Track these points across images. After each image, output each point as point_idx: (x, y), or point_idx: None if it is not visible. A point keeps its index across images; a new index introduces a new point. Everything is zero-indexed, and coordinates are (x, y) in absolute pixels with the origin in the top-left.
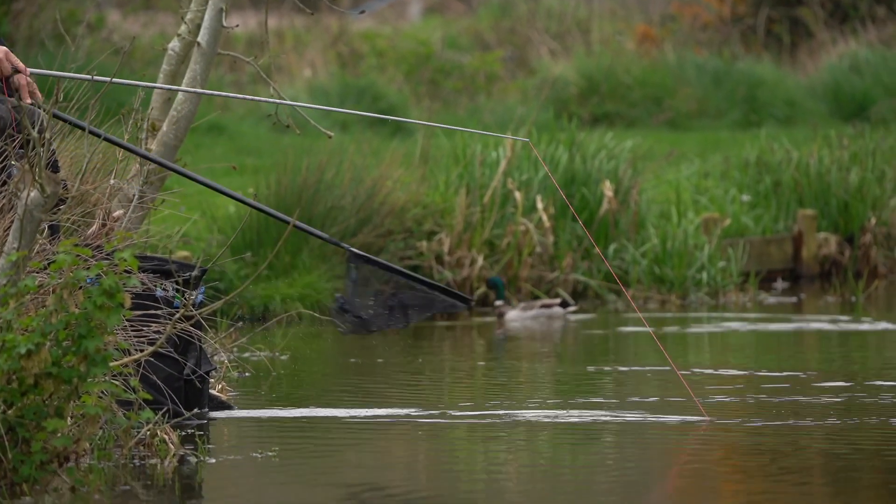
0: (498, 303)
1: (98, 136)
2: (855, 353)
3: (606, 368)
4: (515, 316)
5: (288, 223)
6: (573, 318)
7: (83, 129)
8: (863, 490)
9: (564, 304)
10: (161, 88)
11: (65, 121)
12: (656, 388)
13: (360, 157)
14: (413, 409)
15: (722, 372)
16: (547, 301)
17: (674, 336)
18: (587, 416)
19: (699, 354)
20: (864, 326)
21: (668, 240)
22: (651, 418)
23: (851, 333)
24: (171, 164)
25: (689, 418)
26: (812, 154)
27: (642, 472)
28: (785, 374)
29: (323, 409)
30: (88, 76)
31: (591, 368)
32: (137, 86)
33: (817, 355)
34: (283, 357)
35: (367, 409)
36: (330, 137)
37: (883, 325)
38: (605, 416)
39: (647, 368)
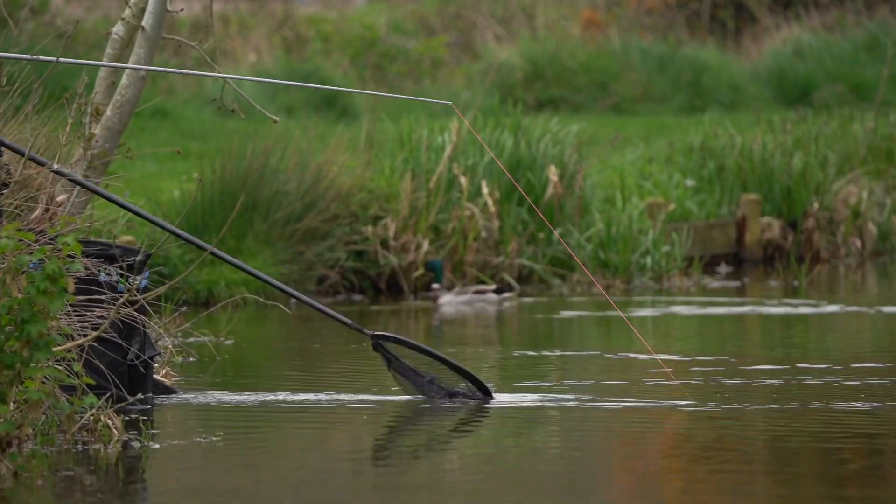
0: (435, 286)
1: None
2: (798, 337)
3: (549, 353)
4: (448, 300)
5: (206, 250)
6: (517, 302)
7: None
8: (804, 475)
9: (499, 291)
10: (106, 67)
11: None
12: (601, 373)
13: (306, 141)
14: (357, 395)
15: (665, 356)
16: (481, 287)
17: (618, 321)
18: (529, 400)
19: (650, 338)
20: (808, 310)
21: (613, 224)
22: (594, 403)
23: (794, 317)
24: (95, 187)
25: (631, 403)
26: (756, 139)
27: (586, 458)
28: (727, 357)
29: (268, 394)
30: (33, 56)
31: (532, 353)
32: (83, 65)
33: (760, 339)
34: (227, 342)
35: (311, 394)
36: (275, 122)
37: (829, 309)
38: (549, 401)
39: (593, 353)
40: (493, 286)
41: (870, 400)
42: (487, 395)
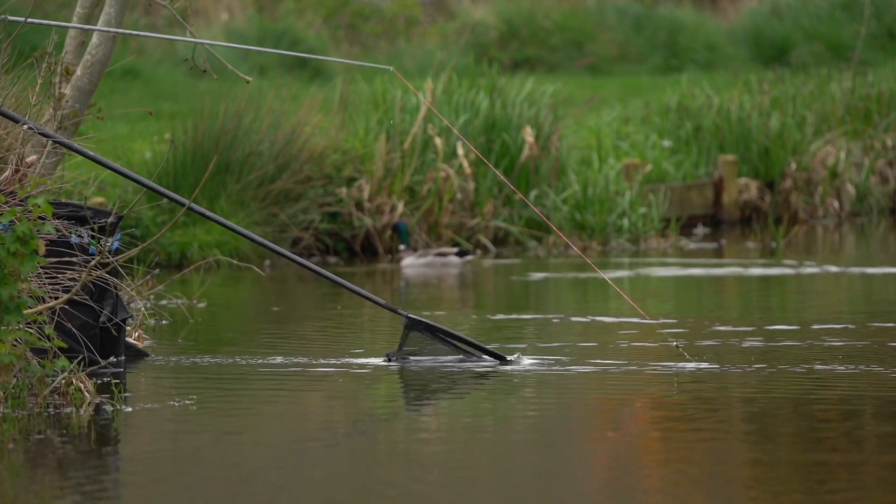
0: (401, 247)
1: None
2: (776, 298)
3: (525, 316)
4: (409, 263)
5: (183, 205)
6: (493, 264)
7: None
8: (782, 437)
9: (461, 254)
10: (76, 28)
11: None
12: (576, 336)
13: (279, 102)
14: (333, 359)
15: (645, 320)
16: (443, 249)
17: (595, 282)
18: (507, 366)
19: (621, 300)
20: (785, 270)
21: (589, 186)
22: (571, 368)
23: (772, 278)
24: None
25: (610, 364)
26: (733, 99)
27: (561, 423)
28: (706, 319)
29: (241, 358)
30: (0, 16)
31: (505, 316)
32: (52, 26)
33: (737, 301)
34: (200, 305)
35: (286, 358)
36: (248, 82)
37: (807, 270)
38: (526, 366)
39: (570, 316)
40: (455, 249)
41: (847, 362)
42: (502, 359)
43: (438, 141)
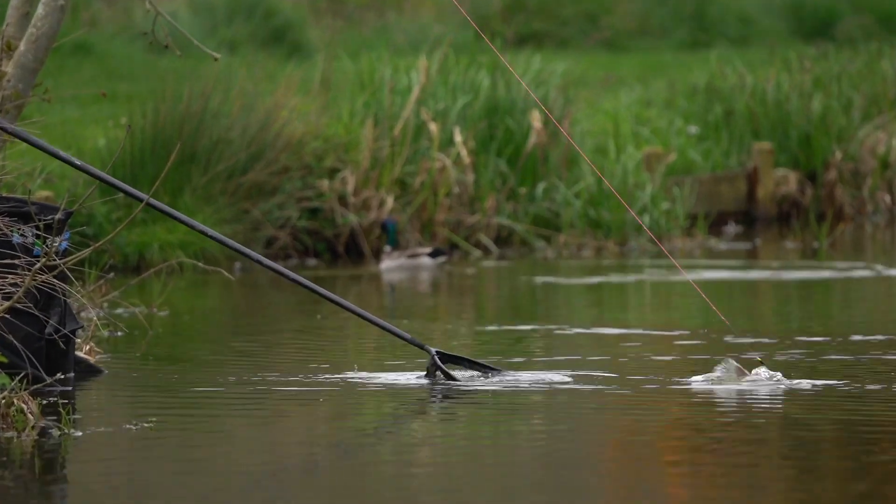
0: (386, 248)
1: None
2: (827, 306)
3: (533, 328)
4: (387, 266)
5: (141, 200)
6: (496, 265)
7: None
8: (825, 469)
9: (435, 254)
10: None
11: None
12: (589, 350)
13: (252, 82)
14: (309, 375)
15: (665, 332)
16: (417, 250)
17: (610, 287)
18: (510, 382)
19: (640, 310)
20: (829, 274)
21: (605, 178)
22: (581, 385)
23: (814, 283)
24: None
25: (638, 379)
26: (769, 79)
27: (572, 447)
28: (739, 334)
29: (208, 374)
30: None
31: (512, 328)
32: None
33: (776, 307)
34: (161, 313)
35: (258, 374)
36: (216, 60)
37: (857, 273)
38: (532, 384)
39: (584, 330)
40: (429, 249)
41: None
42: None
43: (433, 127)
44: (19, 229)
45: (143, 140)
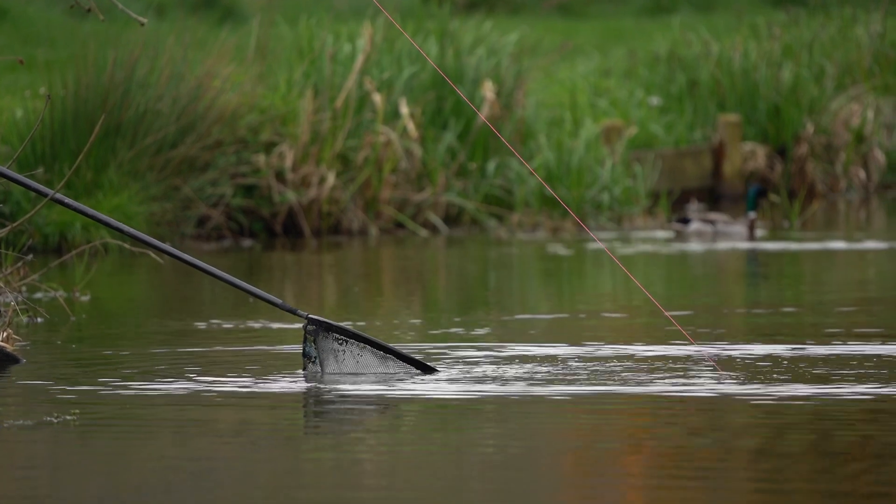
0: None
1: None
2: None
3: (483, 315)
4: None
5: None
6: (445, 246)
7: None
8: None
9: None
10: None
11: None
12: (544, 336)
13: (181, 49)
14: (244, 368)
15: (619, 315)
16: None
17: (570, 270)
18: (459, 386)
19: (598, 297)
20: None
21: (563, 153)
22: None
23: (802, 254)
24: None
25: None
26: (736, 47)
27: (526, 451)
28: (699, 318)
29: (132, 362)
30: None
31: (460, 318)
32: None
33: (744, 290)
34: (84, 298)
35: (186, 363)
36: (142, 25)
37: (830, 245)
38: (485, 387)
39: (536, 317)
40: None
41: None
42: (429, 370)
43: (377, 98)
44: None
45: (64, 111)
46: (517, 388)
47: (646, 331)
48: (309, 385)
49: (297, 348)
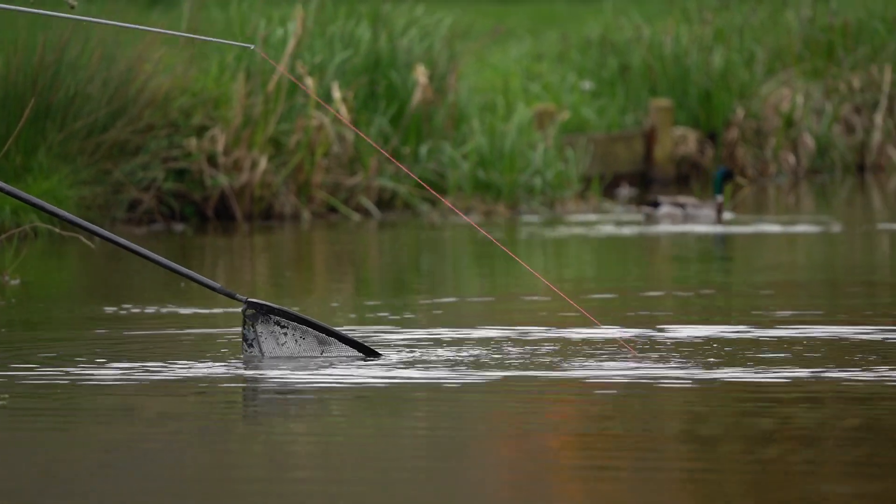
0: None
1: None
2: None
3: (413, 299)
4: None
5: None
6: (377, 231)
7: None
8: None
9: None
10: None
11: None
12: (475, 320)
13: (112, 32)
14: (175, 355)
15: (547, 299)
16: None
17: (503, 254)
18: (391, 371)
19: (529, 278)
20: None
21: (495, 137)
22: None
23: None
24: None
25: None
26: (667, 31)
27: (457, 438)
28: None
29: (63, 347)
30: None
31: (395, 301)
32: None
33: (675, 273)
34: (13, 282)
35: (118, 349)
36: (72, 7)
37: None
38: (417, 372)
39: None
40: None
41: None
42: (372, 353)
43: (310, 81)
44: None
45: None
46: (448, 372)
47: (577, 314)
48: (240, 371)
49: (229, 332)
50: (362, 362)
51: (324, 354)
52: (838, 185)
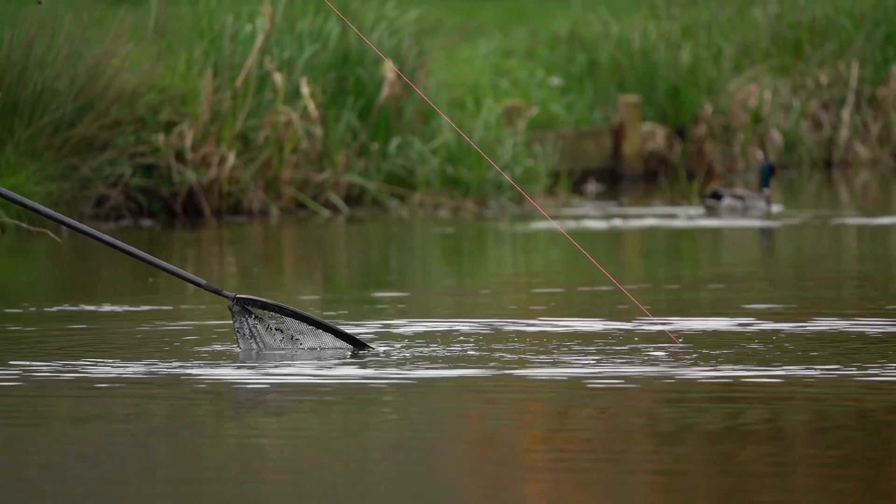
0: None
1: None
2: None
3: (386, 294)
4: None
5: None
6: (345, 227)
7: None
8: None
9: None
10: None
11: None
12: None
13: (79, 28)
14: (145, 351)
15: (521, 294)
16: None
17: (471, 251)
18: (364, 367)
19: (498, 279)
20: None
21: (464, 133)
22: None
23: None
24: None
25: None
26: (635, 27)
27: (426, 436)
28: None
29: (29, 346)
30: None
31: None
32: None
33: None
34: None
35: (89, 347)
36: (39, 3)
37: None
38: (387, 371)
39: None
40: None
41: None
42: (362, 346)
43: (278, 77)
44: None
45: None
46: (419, 368)
47: (550, 308)
48: (211, 369)
49: (203, 327)
50: (339, 360)
51: (318, 348)
52: (805, 181)
